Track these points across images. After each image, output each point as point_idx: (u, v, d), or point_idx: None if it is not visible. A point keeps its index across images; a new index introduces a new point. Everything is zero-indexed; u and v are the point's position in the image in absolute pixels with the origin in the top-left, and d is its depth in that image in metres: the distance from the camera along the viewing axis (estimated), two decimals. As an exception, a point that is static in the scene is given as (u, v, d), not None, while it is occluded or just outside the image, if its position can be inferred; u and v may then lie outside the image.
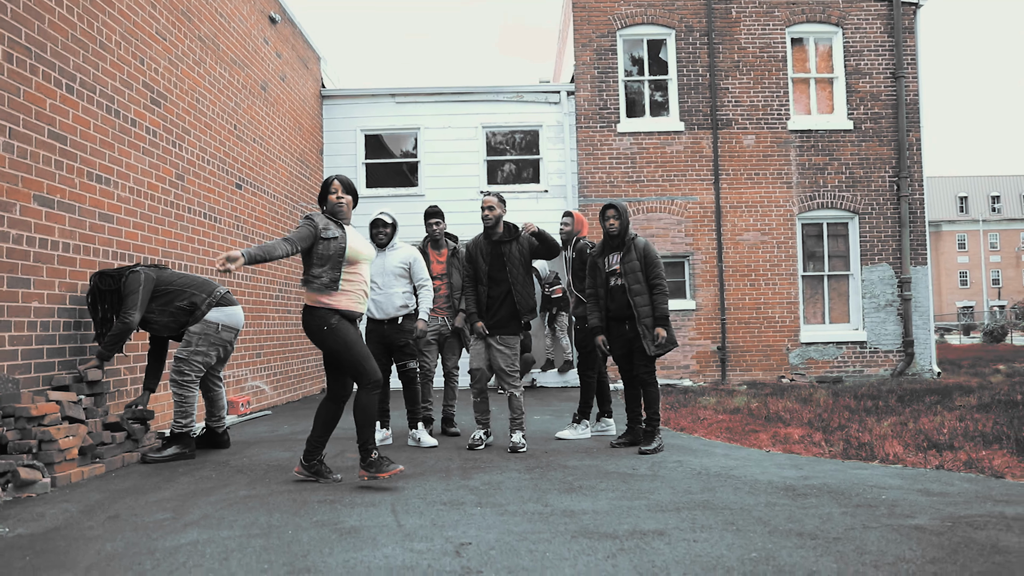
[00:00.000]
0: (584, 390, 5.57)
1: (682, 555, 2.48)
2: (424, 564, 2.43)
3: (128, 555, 2.60)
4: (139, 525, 3.05)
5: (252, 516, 3.18)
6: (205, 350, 5.02)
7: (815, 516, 2.99)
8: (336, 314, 3.87)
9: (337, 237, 3.90)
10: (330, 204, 4.03)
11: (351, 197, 4.08)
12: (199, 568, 2.44)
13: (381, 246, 5.53)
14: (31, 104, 4.55)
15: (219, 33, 7.47)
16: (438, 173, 11.17)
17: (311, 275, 3.88)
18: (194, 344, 4.98)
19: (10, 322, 4.31)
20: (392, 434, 5.70)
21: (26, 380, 4.40)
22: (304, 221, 3.92)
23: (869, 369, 10.92)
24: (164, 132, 6.27)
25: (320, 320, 3.83)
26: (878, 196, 11.06)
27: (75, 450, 4.26)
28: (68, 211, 4.91)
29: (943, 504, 3.14)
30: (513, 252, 5.08)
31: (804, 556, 2.44)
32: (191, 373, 4.98)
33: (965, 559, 2.36)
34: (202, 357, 5.01)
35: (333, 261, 3.87)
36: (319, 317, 3.85)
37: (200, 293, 5.05)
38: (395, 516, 3.12)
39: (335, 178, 4.09)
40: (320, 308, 3.85)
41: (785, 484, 3.69)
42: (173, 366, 5.01)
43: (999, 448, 4.50)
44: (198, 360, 5.00)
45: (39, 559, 2.57)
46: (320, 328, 3.83)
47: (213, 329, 5.04)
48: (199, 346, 4.99)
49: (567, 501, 3.37)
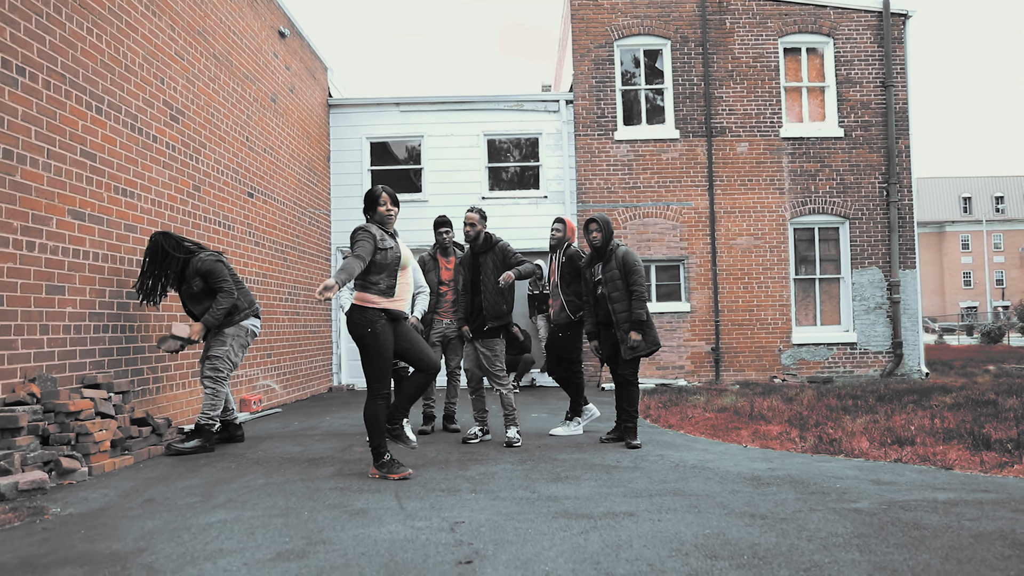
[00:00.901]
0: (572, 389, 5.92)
1: (646, 532, 2.86)
2: (423, 538, 2.82)
3: (168, 530, 3.00)
4: (172, 507, 3.45)
5: (271, 500, 3.57)
6: (237, 350, 5.51)
7: (771, 501, 3.36)
8: (383, 317, 4.17)
9: (393, 247, 4.26)
10: (380, 215, 4.31)
11: (397, 209, 4.40)
12: (230, 540, 2.83)
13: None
14: (66, 126, 4.96)
15: (232, 50, 7.88)
16: (441, 179, 11.57)
17: (369, 281, 4.19)
18: (228, 344, 5.45)
19: (48, 326, 4.72)
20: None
21: (62, 379, 4.81)
22: (362, 234, 4.17)
23: (859, 370, 11.26)
24: (182, 146, 6.68)
25: (368, 321, 4.12)
26: (868, 201, 11.40)
27: (107, 443, 4.67)
28: (97, 223, 5.32)
29: (887, 491, 3.51)
30: (487, 263, 5.48)
31: (750, 532, 2.82)
32: (225, 371, 5.45)
33: (887, 534, 2.73)
34: (235, 357, 5.52)
35: (390, 269, 4.21)
36: (368, 318, 4.13)
37: (243, 300, 5.57)
38: (398, 500, 3.51)
39: (382, 190, 4.34)
40: (371, 308, 4.15)
41: (753, 475, 4.06)
42: (209, 364, 5.44)
43: (957, 444, 4.86)
44: (233, 359, 5.49)
45: (93, 532, 2.97)
46: (365, 328, 4.12)
47: (245, 333, 5.56)
48: (234, 347, 5.48)
49: (553, 489, 3.75)
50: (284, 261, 9.22)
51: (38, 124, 4.68)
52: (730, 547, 2.63)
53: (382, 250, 4.19)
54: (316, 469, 4.47)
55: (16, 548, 2.78)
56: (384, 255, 4.19)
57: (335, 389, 11.09)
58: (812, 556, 2.50)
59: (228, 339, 5.46)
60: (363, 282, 4.21)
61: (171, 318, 6.24)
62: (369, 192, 4.37)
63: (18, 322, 4.46)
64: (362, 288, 4.21)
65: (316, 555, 2.62)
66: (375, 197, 4.33)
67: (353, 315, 4.21)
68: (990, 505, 3.16)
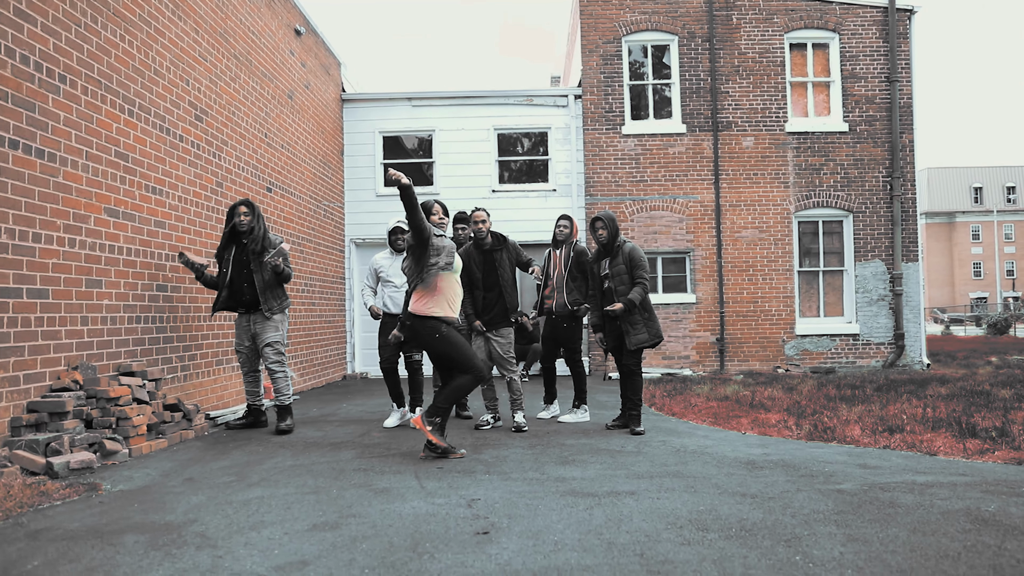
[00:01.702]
0: (576, 378, 6.22)
1: (645, 508, 3.14)
2: (443, 512, 3.12)
3: (212, 505, 3.31)
4: (212, 485, 3.76)
5: (301, 480, 3.88)
6: (285, 334, 5.98)
7: (762, 483, 3.64)
8: (444, 324, 4.50)
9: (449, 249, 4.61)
10: (433, 223, 4.73)
11: (448, 219, 4.77)
12: (269, 513, 3.14)
13: (399, 251, 6.21)
14: (102, 129, 5.26)
15: (251, 50, 8.15)
16: (452, 173, 11.83)
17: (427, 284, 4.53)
18: (280, 329, 5.87)
19: (87, 317, 5.04)
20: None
21: (100, 367, 5.14)
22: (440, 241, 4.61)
23: (861, 360, 11.50)
24: (206, 145, 6.97)
25: (431, 329, 4.45)
26: (872, 195, 11.58)
27: (144, 427, 4.99)
28: (130, 220, 5.63)
29: (871, 475, 3.78)
30: (503, 259, 5.78)
31: (740, 509, 3.10)
32: (284, 352, 5.90)
33: (864, 511, 3.01)
34: (286, 340, 6.00)
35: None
36: (430, 327, 4.46)
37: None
38: (418, 481, 3.81)
39: (435, 203, 4.80)
40: (431, 319, 4.46)
41: (748, 459, 4.33)
42: (271, 350, 5.81)
43: (945, 432, 5.12)
44: (285, 342, 5.95)
45: (145, 506, 3.28)
46: (432, 335, 4.44)
47: (287, 318, 6.02)
48: (283, 331, 5.93)
49: (561, 471, 4.04)
50: (301, 253, 9.52)
51: (77, 128, 4.97)
52: (720, 521, 2.91)
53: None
54: (339, 452, 4.78)
55: (81, 518, 3.10)
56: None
57: (349, 377, 11.43)
58: (794, 529, 2.78)
59: (282, 326, 5.87)
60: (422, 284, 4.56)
61: (200, 311, 6.56)
62: (423, 205, 4.73)
63: (61, 314, 4.78)
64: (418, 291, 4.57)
65: (348, 526, 2.93)
66: (428, 208, 4.77)
67: (415, 328, 4.57)
68: (963, 487, 3.42)
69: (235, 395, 7.36)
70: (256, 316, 5.85)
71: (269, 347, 5.79)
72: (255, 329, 5.85)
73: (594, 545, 2.62)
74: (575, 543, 2.65)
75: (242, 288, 5.78)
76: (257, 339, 5.86)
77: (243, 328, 5.92)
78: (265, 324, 5.82)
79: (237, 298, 5.82)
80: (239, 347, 5.95)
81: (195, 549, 2.65)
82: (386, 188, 11.91)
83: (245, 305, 5.83)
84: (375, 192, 11.89)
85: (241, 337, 5.93)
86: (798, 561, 2.41)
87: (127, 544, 2.72)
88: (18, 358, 4.35)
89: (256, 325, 5.84)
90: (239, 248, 5.84)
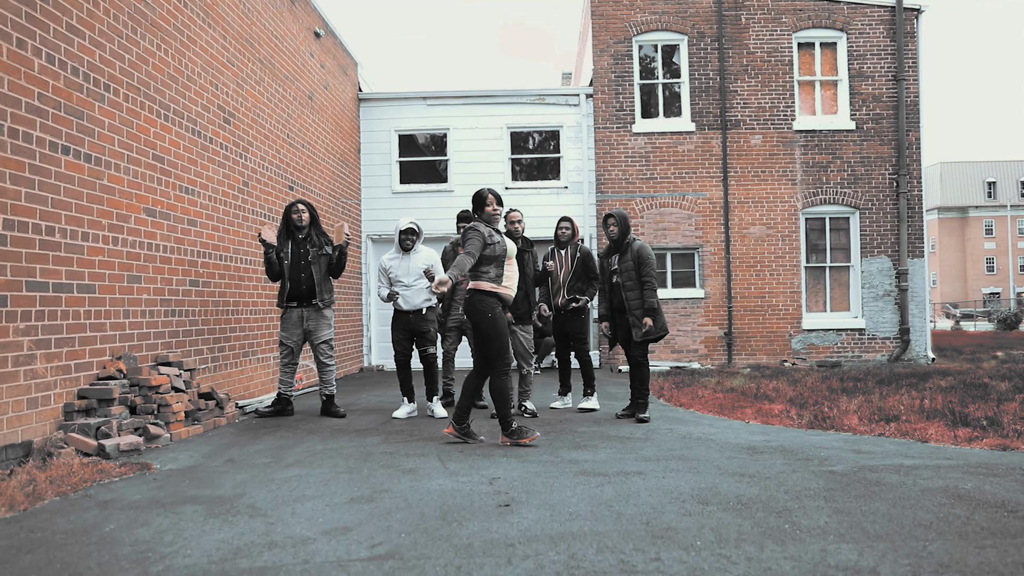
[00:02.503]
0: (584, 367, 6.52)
1: (651, 485, 3.43)
2: (467, 488, 3.42)
3: (255, 481, 3.64)
4: (252, 465, 4.09)
5: (333, 461, 4.20)
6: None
7: (760, 465, 3.92)
8: (499, 303, 4.74)
9: (500, 241, 4.84)
10: (487, 214, 4.88)
11: (502, 208, 4.95)
12: (310, 489, 3.46)
13: (407, 250, 6.43)
14: (141, 134, 5.59)
15: (275, 54, 8.47)
16: (466, 170, 12.12)
17: (480, 271, 4.76)
18: (332, 325, 6.32)
19: (129, 311, 5.39)
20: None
21: (140, 357, 5.48)
22: (472, 233, 4.73)
23: (867, 355, 11.72)
24: (233, 146, 7.29)
25: (487, 307, 4.67)
26: (878, 192, 11.78)
27: (182, 413, 5.34)
28: (166, 219, 5.97)
29: (863, 459, 4.05)
30: (529, 260, 6.12)
31: (738, 487, 3.38)
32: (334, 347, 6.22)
33: (851, 489, 3.28)
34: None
35: (498, 260, 4.79)
36: (487, 304, 4.68)
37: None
38: (442, 462, 4.12)
39: (488, 192, 4.91)
40: (489, 294, 4.70)
41: (750, 445, 4.61)
42: (329, 347, 6.30)
43: (939, 421, 5.37)
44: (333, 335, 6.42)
45: (194, 483, 3.61)
46: (485, 314, 4.66)
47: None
48: (333, 326, 6.37)
49: (573, 454, 4.34)
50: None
51: (120, 133, 5.31)
52: (720, 497, 3.20)
53: (490, 244, 4.74)
54: (364, 438, 5.10)
55: (141, 492, 3.43)
56: (492, 248, 4.75)
57: (365, 369, 11.78)
58: (785, 503, 3.06)
59: (331, 320, 6.31)
60: (475, 272, 4.76)
61: (228, 306, 6.90)
62: (477, 194, 4.91)
63: (106, 307, 5.12)
64: (475, 278, 4.76)
65: (382, 500, 3.24)
66: (483, 198, 4.89)
67: (473, 301, 4.74)
68: (946, 469, 3.69)
69: (260, 385, 7.71)
70: (309, 311, 6.24)
71: (325, 344, 6.28)
72: (308, 325, 6.23)
73: (605, 515, 2.91)
74: (588, 514, 2.95)
75: (299, 279, 6.18)
76: (311, 335, 6.25)
77: (294, 322, 6.27)
78: (319, 321, 6.23)
79: (295, 290, 6.21)
80: (287, 339, 6.28)
81: (248, 517, 2.97)
82: (402, 185, 12.23)
83: (301, 297, 6.23)
84: (391, 189, 12.20)
85: (291, 331, 6.27)
86: (787, 528, 2.69)
87: (187, 513, 3.05)
88: (70, 348, 4.69)
89: (310, 322, 6.23)
90: (295, 243, 6.25)
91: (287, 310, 6.32)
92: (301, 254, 6.27)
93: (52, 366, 4.52)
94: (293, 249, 6.28)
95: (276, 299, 6.49)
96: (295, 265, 6.24)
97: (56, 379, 4.55)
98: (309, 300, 6.26)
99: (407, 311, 6.32)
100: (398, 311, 6.39)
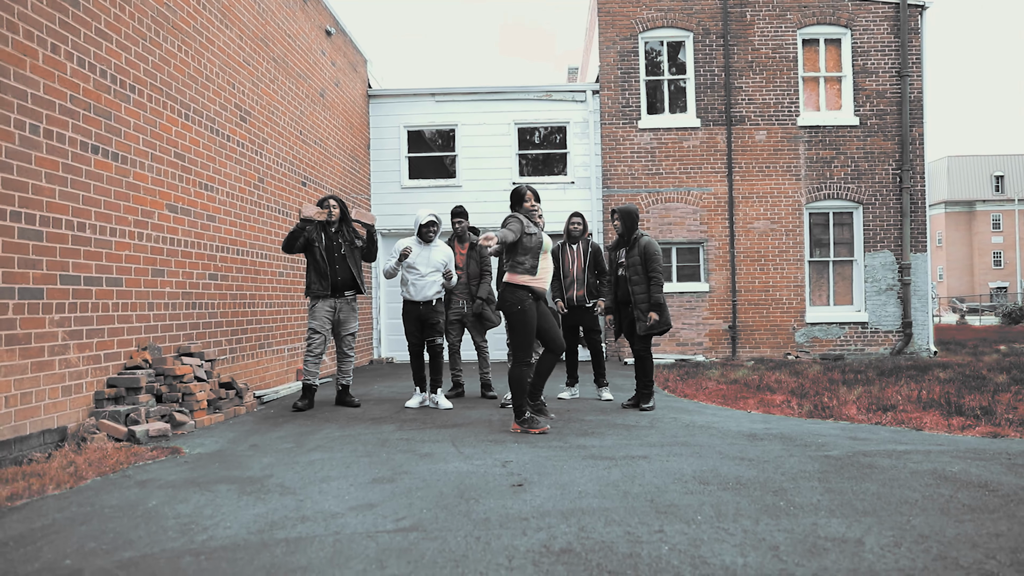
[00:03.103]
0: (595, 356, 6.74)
1: (656, 468, 3.63)
2: (481, 471, 3.63)
3: (281, 464, 3.85)
4: (276, 450, 4.31)
5: (352, 447, 4.41)
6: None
7: (760, 450, 4.11)
8: (530, 296, 4.91)
9: (536, 234, 5.02)
10: (525, 210, 5.07)
11: (540, 204, 5.12)
12: (333, 471, 3.67)
13: (428, 242, 6.61)
14: (163, 132, 5.79)
15: (288, 52, 8.66)
16: (474, 166, 12.31)
17: (516, 262, 4.94)
18: (357, 319, 6.53)
19: (153, 303, 5.61)
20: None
21: (164, 348, 5.70)
22: (512, 219, 4.95)
23: (870, 348, 11.87)
24: (249, 143, 7.50)
25: (518, 299, 4.84)
26: (881, 187, 11.91)
27: (205, 402, 5.56)
28: (187, 215, 6.18)
29: (858, 445, 4.24)
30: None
31: (737, 469, 3.58)
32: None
33: (845, 472, 3.47)
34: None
35: (533, 252, 4.96)
36: (518, 296, 4.86)
37: None
38: (456, 447, 4.33)
39: (527, 189, 5.09)
40: (521, 287, 4.89)
41: (750, 432, 4.80)
42: (354, 339, 6.53)
43: (935, 411, 5.55)
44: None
45: (225, 464, 3.83)
46: (515, 305, 4.85)
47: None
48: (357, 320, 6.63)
49: (582, 440, 4.54)
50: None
51: (144, 132, 5.51)
52: (720, 478, 3.40)
53: (528, 235, 4.93)
54: (380, 425, 5.31)
55: (175, 473, 3.65)
56: (529, 239, 4.94)
57: (375, 362, 12.00)
58: (781, 484, 3.25)
59: (358, 313, 6.55)
60: (512, 263, 4.94)
61: (245, 299, 7.12)
62: (516, 190, 5.11)
63: (132, 300, 5.34)
64: (511, 269, 4.93)
65: (402, 480, 3.45)
66: (521, 195, 5.08)
67: (505, 294, 4.93)
68: (936, 454, 3.87)
69: (274, 376, 7.94)
70: (341, 303, 6.40)
71: (351, 336, 6.50)
72: (340, 316, 6.40)
73: (612, 494, 3.11)
74: (596, 492, 3.15)
75: (333, 271, 6.32)
76: (341, 326, 6.42)
77: (327, 313, 6.35)
78: (349, 313, 6.44)
79: (328, 282, 6.33)
80: (320, 328, 6.33)
81: (279, 495, 3.18)
82: (411, 180, 12.42)
83: (334, 289, 6.36)
84: (400, 184, 12.40)
85: (324, 321, 6.35)
86: (782, 505, 2.89)
87: (221, 491, 3.26)
88: (99, 339, 4.92)
89: (341, 313, 6.40)
90: (328, 236, 6.42)
91: (319, 301, 6.35)
92: (334, 247, 6.41)
93: (84, 356, 4.74)
94: (326, 243, 6.40)
95: (304, 289, 6.54)
96: (328, 258, 6.38)
97: (87, 368, 4.78)
98: (341, 292, 6.40)
99: (418, 302, 6.47)
100: (409, 302, 6.50)
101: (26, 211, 4.24)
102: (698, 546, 2.38)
